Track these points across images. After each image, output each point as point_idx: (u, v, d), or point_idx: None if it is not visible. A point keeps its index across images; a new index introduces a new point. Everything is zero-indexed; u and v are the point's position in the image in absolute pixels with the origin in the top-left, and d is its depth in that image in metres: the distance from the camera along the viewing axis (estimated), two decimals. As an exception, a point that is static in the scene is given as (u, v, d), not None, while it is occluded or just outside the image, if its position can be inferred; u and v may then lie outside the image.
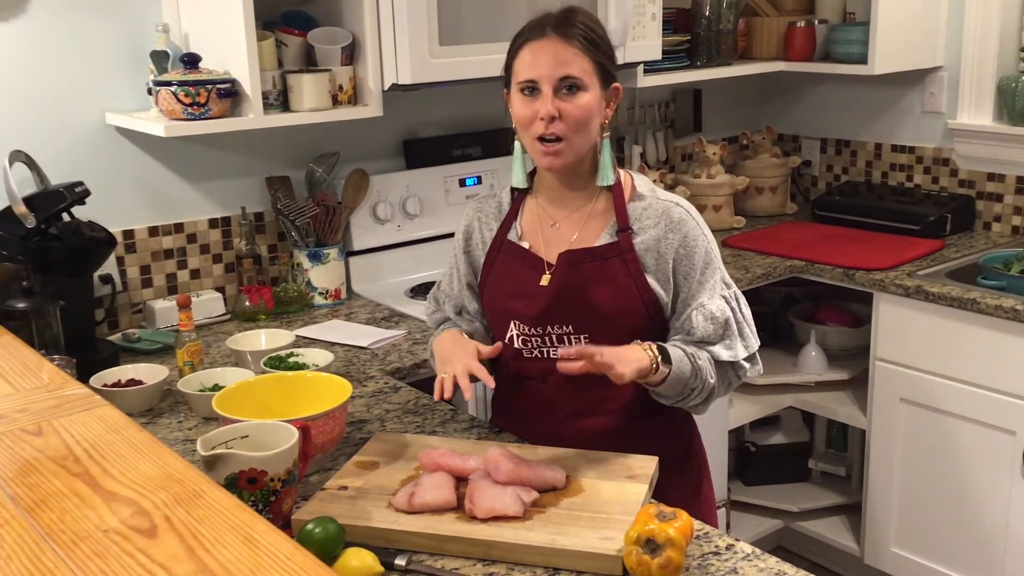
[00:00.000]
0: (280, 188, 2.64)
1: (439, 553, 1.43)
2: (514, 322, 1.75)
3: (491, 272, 1.80)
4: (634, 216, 1.71)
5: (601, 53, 1.65)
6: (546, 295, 1.71)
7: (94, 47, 2.39)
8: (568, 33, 1.62)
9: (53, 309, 2.04)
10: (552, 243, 1.75)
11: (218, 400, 1.65)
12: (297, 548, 0.78)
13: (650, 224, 1.70)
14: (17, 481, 0.90)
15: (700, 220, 1.73)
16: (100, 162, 2.43)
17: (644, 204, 1.72)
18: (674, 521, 1.34)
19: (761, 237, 3.27)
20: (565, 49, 1.62)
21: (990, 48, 3.15)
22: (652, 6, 2.76)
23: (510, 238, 1.78)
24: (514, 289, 1.75)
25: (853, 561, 3.14)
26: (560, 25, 1.63)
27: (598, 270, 1.70)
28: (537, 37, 1.63)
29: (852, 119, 3.60)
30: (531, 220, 1.79)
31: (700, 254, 1.69)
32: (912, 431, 2.86)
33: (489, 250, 1.80)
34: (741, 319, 1.72)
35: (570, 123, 1.63)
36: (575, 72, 1.62)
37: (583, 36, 1.62)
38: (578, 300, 1.70)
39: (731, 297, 1.72)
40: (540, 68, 1.62)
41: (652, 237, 1.69)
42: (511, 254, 1.78)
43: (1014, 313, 2.54)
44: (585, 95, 1.63)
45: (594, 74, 1.64)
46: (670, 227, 1.69)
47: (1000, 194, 3.21)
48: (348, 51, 2.43)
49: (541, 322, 1.72)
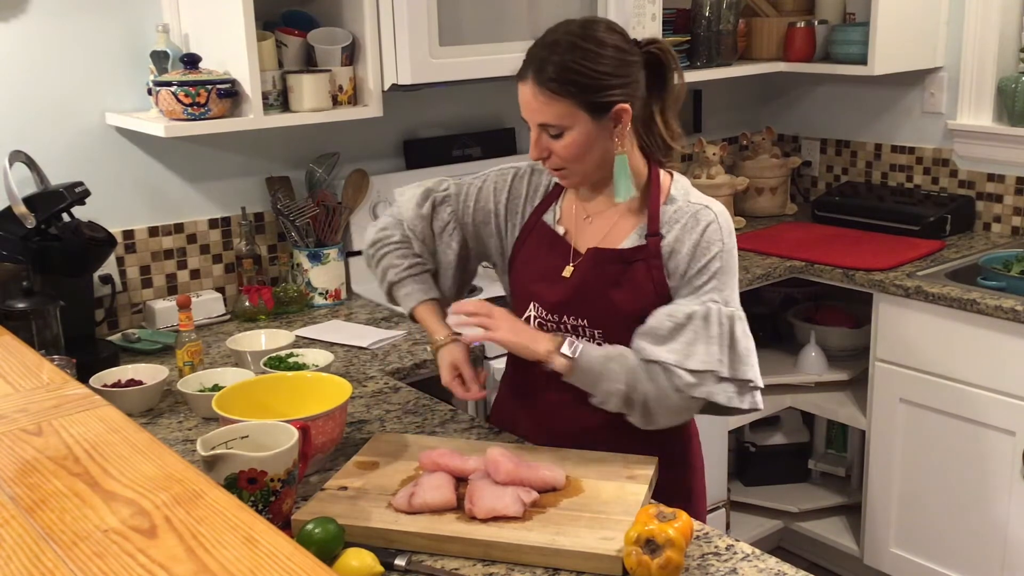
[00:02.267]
0: (280, 188, 2.64)
1: (439, 553, 1.43)
2: (534, 304, 1.75)
3: (521, 250, 1.79)
4: (665, 220, 1.68)
5: (584, 89, 1.58)
6: (567, 287, 1.71)
7: (94, 47, 2.39)
8: (540, 79, 1.59)
9: (53, 309, 2.04)
10: (583, 235, 1.74)
11: (218, 400, 1.65)
12: (297, 548, 0.78)
13: (678, 228, 1.66)
14: (17, 481, 0.90)
15: (727, 227, 1.67)
16: (100, 162, 2.43)
17: (675, 207, 1.68)
18: (674, 521, 1.34)
19: (761, 237, 3.27)
20: (536, 98, 1.60)
21: (990, 49, 3.15)
22: (652, 6, 2.76)
23: (546, 220, 1.77)
24: (539, 273, 1.75)
25: (853, 561, 3.14)
26: (536, 70, 1.59)
27: (621, 272, 1.68)
28: (521, 79, 1.62)
29: (852, 120, 3.60)
30: (570, 206, 1.78)
31: (708, 256, 1.63)
32: (912, 431, 2.86)
33: (524, 227, 1.79)
34: (715, 334, 1.60)
35: (562, 159, 1.64)
36: (549, 120, 1.60)
37: (556, 80, 1.57)
38: (597, 298, 1.69)
39: (720, 312, 1.61)
40: (523, 111, 1.64)
41: (677, 239, 1.66)
42: (543, 236, 1.77)
43: (1014, 314, 2.54)
44: (569, 134, 1.61)
45: (577, 112, 1.59)
46: (695, 228, 1.65)
47: (1000, 195, 3.21)
48: (348, 51, 2.44)
49: (559, 311, 1.71)
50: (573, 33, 1.60)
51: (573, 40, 1.59)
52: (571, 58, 1.57)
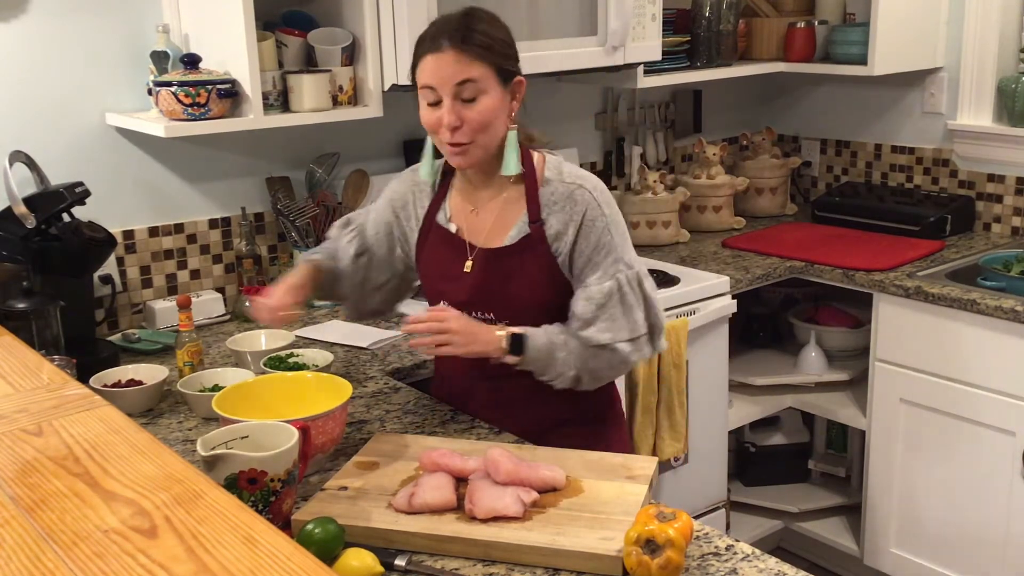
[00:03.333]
0: (280, 188, 2.64)
1: (439, 554, 1.43)
2: (443, 302, 1.84)
3: (422, 252, 1.88)
4: (545, 203, 1.77)
5: (498, 55, 1.70)
6: (468, 284, 1.81)
7: (94, 47, 2.39)
8: (463, 43, 1.67)
9: (53, 309, 2.04)
10: (473, 228, 1.83)
11: (218, 400, 1.65)
12: (297, 548, 0.78)
13: (557, 209, 1.76)
14: (17, 481, 0.90)
15: (604, 199, 1.78)
16: (100, 162, 2.43)
17: (551, 189, 1.77)
18: (674, 522, 1.34)
19: (761, 238, 3.27)
20: (459, 60, 1.67)
21: (990, 49, 3.15)
22: (652, 7, 2.76)
23: (439, 220, 1.86)
24: (441, 272, 1.85)
25: (853, 562, 3.14)
26: (456, 37, 1.67)
27: (514, 266, 1.78)
28: (434, 49, 1.69)
29: (852, 120, 3.60)
30: (458, 203, 1.86)
31: (596, 233, 1.74)
32: (912, 432, 2.86)
33: (420, 229, 1.88)
34: (632, 301, 1.75)
35: (473, 127, 1.70)
36: (472, 76, 1.68)
37: (478, 44, 1.67)
38: (498, 292, 1.79)
39: (628, 279, 1.75)
40: (438, 77, 1.69)
41: (560, 221, 1.76)
42: (439, 236, 1.86)
43: (1014, 314, 2.54)
44: (484, 99, 1.69)
45: (492, 77, 1.69)
46: (574, 209, 1.75)
47: (1000, 195, 3.21)
48: (348, 52, 2.44)
49: (466, 308, 1.80)
50: (477, 10, 1.73)
51: (482, 14, 1.72)
52: (487, 27, 1.70)
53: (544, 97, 3.15)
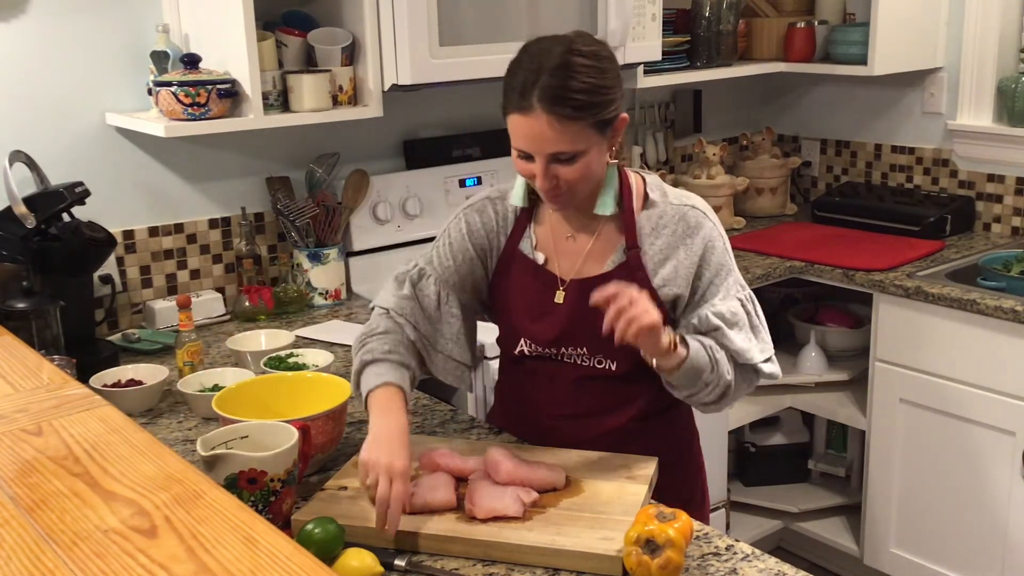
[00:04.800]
0: (280, 188, 2.64)
1: (439, 553, 1.43)
2: (525, 340, 1.71)
3: (502, 283, 1.73)
4: (648, 227, 1.65)
5: (598, 108, 1.51)
6: (560, 318, 1.67)
7: (94, 47, 2.39)
8: (554, 107, 1.47)
9: (53, 309, 2.04)
10: (567, 255, 1.69)
11: (218, 400, 1.65)
12: (297, 548, 0.78)
13: (667, 232, 1.64)
14: (17, 481, 0.90)
15: (716, 219, 1.68)
16: (100, 162, 2.43)
17: (658, 212, 1.65)
18: (674, 522, 1.34)
19: (761, 238, 3.27)
20: (552, 127, 1.48)
21: (990, 49, 3.15)
22: (652, 7, 2.76)
23: (522, 249, 1.71)
24: (527, 307, 1.70)
25: (853, 562, 3.14)
26: (547, 97, 1.47)
27: None
28: (524, 109, 1.49)
29: (852, 120, 3.60)
30: (546, 230, 1.71)
31: (718, 255, 1.64)
32: (912, 432, 2.86)
33: (500, 258, 1.72)
34: (757, 322, 1.67)
35: (571, 183, 1.55)
36: (566, 148, 1.51)
37: (574, 105, 1.48)
38: (591, 325, 1.60)
39: (746, 300, 1.66)
40: (531, 144, 1.52)
41: (669, 244, 1.64)
42: (524, 267, 1.70)
43: (1014, 314, 2.54)
44: (583, 158, 1.53)
45: (591, 134, 1.52)
46: (688, 232, 1.64)
47: (1000, 195, 3.21)
48: (348, 52, 2.43)
49: (555, 345, 1.69)
50: (574, 51, 1.50)
51: (581, 59, 1.50)
52: (587, 77, 1.49)
53: (544, 97, 3.15)
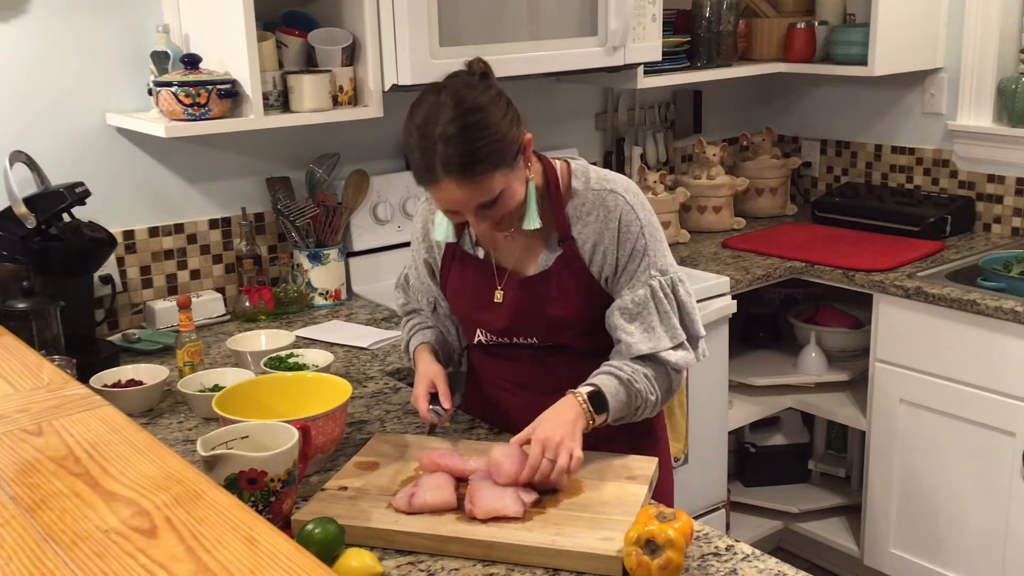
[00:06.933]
0: (280, 189, 2.64)
1: (439, 554, 1.43)
2: (480, 330, 1.81)
3: (448, 279, 1.82)
4: (574, 216, 1.70)
5: (502, 153, 1.55)
6: (504, 313, 1.75)
7: (94, 47, 2.39)
8: (458, 173, 1.52)
9: (53, 309, 2.04)
10: (505, 251, 1.76)
11: (218, 400, 1.65)
12: (297, 549, 0.78)
13: (591, 219, 1.69)
14: (17, 481, 0.90)
15: (637, 202, 1.70)
16: (100, 162, 2.43)
17: (580, 200, 1.70)
18: (674, 522, 1.34)
19: (761, 238, 3.27)
20: (464, 188, 1.54)
21: (990, 49, 3.15)
22: (652, 7, 2.76)
23: (463, 246, 1.79)
24: (472, 302, 1.79)
25: (853, 562, 3.14)
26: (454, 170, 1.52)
27: (550, 288, 1.72)
28: (431, 182, 1.55)
29: (852, 120, 3.60)
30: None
31: (632, 239, 1.68)
32: (912, 432, 2.86)
33: (444, 256, 1.82)
34: (668, 308, 1.68)
35: (504, 215, 1.62)
36: (485, 199, 1.56)
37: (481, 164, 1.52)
38: (535, 317, 1.73)
39: (660, 286, 1.68)
40: (453, 206, 1.59)
41: (594, 231, 1.69)
42: (465, 263, 1.79)
43: (1014, 314, 2.54)
44: (504, 197, 1.58)
45: (504, 174, 1.56)
46: (607, 216, 1.68)
47: (1000, 195, 3.21)
48: (348, 52, 2.44)
49: (506, 335, 1.78)
50: (460, 111, 1.52)
51: (471, 119, 1.52)
52: (481, 133, 1.52)
53: (544, 97, 3.15)
